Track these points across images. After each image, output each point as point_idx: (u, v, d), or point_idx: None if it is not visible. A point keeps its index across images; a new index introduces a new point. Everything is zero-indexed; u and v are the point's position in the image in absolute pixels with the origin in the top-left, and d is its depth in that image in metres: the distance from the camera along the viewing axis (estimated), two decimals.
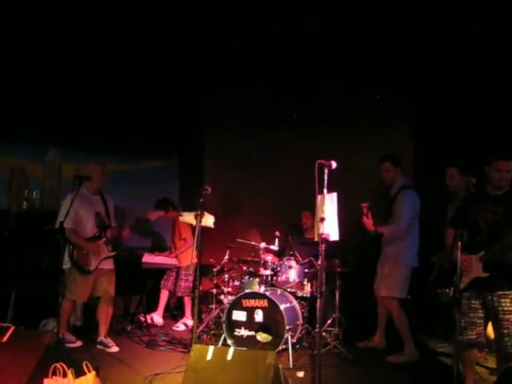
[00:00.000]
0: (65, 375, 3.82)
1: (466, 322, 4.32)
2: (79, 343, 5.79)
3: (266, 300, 5.71)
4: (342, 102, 7.39)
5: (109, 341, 5.80)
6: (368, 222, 5.68)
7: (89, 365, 4.04)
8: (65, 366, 3.84)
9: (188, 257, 6.44)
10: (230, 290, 6.44)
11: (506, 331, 4.19)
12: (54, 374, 3.80)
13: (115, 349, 5.74)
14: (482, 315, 4.33)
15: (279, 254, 6.76)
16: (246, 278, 6.40)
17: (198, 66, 7.28)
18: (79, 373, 3.94)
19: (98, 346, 5.76)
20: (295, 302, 6.03)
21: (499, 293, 4.22)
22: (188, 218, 4.70)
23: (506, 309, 4.18)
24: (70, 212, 5.17)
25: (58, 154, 7.79)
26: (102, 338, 5.80)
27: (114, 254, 5.80)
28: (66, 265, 5.58)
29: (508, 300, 4.18)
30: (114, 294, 5.89)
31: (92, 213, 5.74)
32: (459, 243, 3.95)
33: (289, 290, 6.18)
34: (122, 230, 5.87)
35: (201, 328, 6.18)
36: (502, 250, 4.12)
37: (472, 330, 4.32)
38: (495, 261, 4.15)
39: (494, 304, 4.24)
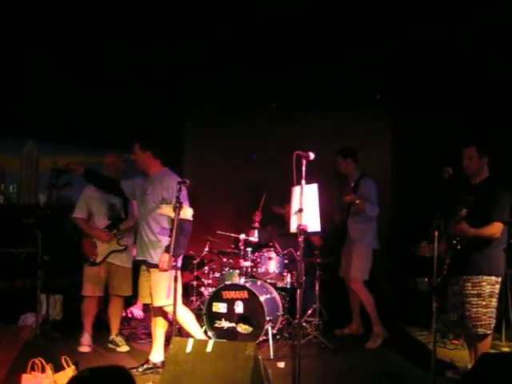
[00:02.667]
0: (43, 370, 3.82)
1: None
2: (88, 349, 5.42)
3: (245, 291, 5.72)
4: (321, 92, 7.39)
5: (119, 340, 5.60)
6: (348, 196, 5.84)
7: (68, 359, 4.03)
8: (43, 361, 3.83)
9: None
10: (210, 281, 6.44)
11: (467, 313, 4.44)
12: (33, 369, 3.80)
13: (125, 348, 5.54)
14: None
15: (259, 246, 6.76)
16: (227, 269, 6.39)
17: (175, 57, 7.22)
18: (58, 368, 3.94)
19: (109, 345, 5.57)
20: (275, 293, 6.06)
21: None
22: (166, 210, 4.63)
23: (467, 292, 4.44)
24: (82, 203, 5.56)
25: (35, 147, 7.71)
26: (113, 336, 5.61)
27: (122, 248, 5.58)
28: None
29: (470, 284, 4.43)
30: (128, 293, 5.69)
31: (105, 204, 5.58)
32: (436, 233, 4.05)
33: (269, 281, 6.20)
34: None
35: None
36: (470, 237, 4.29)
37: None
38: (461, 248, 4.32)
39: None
